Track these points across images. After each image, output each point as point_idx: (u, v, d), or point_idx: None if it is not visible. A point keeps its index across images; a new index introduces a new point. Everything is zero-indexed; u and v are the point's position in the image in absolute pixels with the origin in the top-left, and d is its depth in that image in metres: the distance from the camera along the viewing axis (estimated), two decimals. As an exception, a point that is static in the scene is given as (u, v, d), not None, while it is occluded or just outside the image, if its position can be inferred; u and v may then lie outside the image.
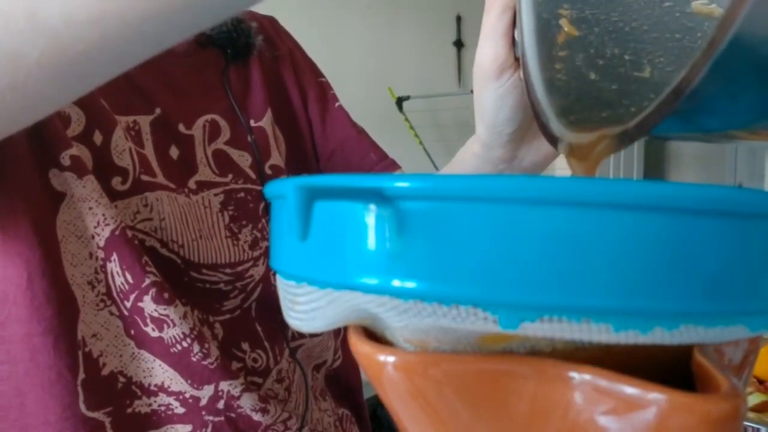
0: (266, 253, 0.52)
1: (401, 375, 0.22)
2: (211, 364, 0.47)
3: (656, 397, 0.19)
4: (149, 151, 0.47)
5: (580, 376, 0.21)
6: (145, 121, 0.48)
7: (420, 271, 0.20)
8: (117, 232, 0.43)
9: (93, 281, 0.44)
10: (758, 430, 0.90)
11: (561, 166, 3.36)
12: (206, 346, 0.46)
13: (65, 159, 0.42)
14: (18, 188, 0.41)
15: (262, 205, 0.53)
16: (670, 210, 0.19)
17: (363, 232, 0.21)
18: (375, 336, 0.25)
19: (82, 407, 0.44)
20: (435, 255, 0.20)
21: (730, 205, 0.20)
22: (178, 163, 0.50)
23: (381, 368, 0.23)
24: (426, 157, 2.59)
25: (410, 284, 0.20)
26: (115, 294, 0.45)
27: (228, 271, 0.49)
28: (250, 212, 0.52)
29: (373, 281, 0.21)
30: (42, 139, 0.41)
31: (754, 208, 0.20)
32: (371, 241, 0.21)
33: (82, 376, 0.44)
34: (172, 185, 0.47)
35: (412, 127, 2.58)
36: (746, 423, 0.90)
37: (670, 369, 0.22)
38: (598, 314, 0.19)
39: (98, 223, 0.43)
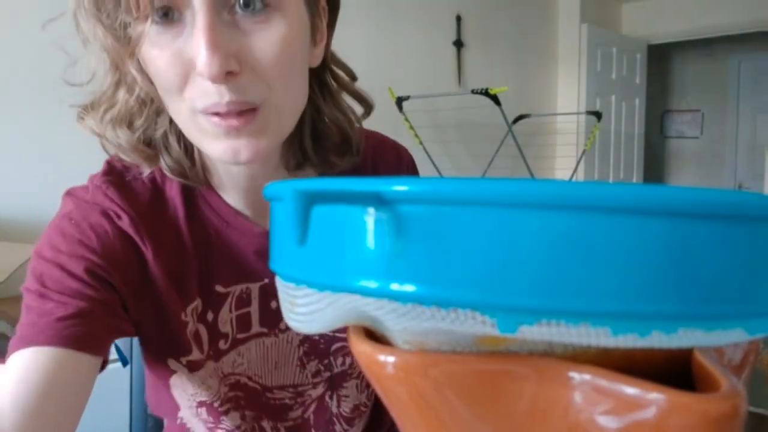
0: (326, 380, 0.65)
1: (401, 375, 0.22)
2: None
3: (656, 397, 0.19)
4: (255, 307, 0.61)
5: (580, 376, 0.21)
6: (255, 287, 0.62)
7: (418, 275, 0.20)
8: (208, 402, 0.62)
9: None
10: (759, 429, 0.90)
11: (560, 167, 3.36)
12: None
13: (183, 362, 0.59)
14: (157, 375, 0.61)
15: (333, 346, 0.64)
16: (668, 214, 0.19)
17: (361, 235, 0.21)
18: (375, 335, 0.25)
19: None
20: (433, 258, 0.20)
21: (728, 208, 0.19)
22: (276, 312, 0.62)
23: (381, 368, 0.23)
24: (426, 157, 2.59)
25: (409, 287, 0.20)
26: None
27: (291, 390, 0.65)
28: (320, 351, 0.64)
29: (371, 284, 0.21)
30: (176, 350, 0.58)
31: (752, 212, 0.20)
32: (370, 244, 0.21)
33: None
34: (265, 330, 0.62)
35: (411, 127, 2.58)
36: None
37: (669, 370, 0.22)
38: (596, 318, 0.19)
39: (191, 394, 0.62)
